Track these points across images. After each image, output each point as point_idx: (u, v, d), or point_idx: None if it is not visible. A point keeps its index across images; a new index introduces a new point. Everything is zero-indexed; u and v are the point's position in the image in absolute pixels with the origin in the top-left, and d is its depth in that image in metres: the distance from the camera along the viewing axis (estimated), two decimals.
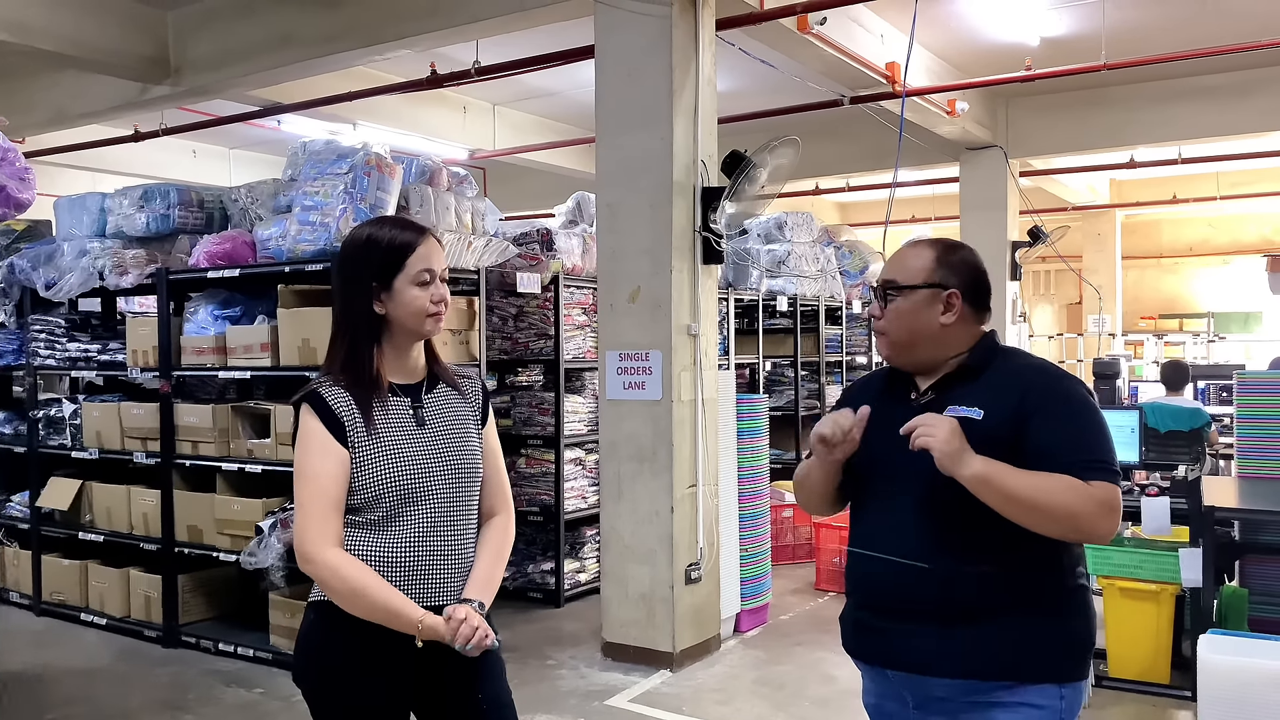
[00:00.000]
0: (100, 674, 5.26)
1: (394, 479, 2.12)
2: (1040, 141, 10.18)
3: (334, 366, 2.20)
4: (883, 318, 2.15)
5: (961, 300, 2.13)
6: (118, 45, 6.89)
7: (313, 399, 2.15)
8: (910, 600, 2.05)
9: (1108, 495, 1.96)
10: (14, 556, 6.52)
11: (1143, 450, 5.09)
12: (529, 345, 6.59)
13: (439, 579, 2.16)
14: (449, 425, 2.23)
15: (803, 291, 9.03)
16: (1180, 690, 4.63)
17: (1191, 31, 7.76)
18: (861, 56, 7.14)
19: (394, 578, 2.11)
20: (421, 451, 2.16)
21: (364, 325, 2.17)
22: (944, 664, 2.02)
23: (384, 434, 2.14)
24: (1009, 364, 2.14)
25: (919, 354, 2.15)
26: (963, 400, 2.07)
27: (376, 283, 2.15)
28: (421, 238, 2.18)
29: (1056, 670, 2.03)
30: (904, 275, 2.15)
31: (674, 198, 5.13)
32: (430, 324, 2.19)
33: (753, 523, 5.93)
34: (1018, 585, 2.01)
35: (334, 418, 2.12)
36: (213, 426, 5.41)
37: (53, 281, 5.97)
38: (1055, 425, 2.01)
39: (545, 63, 6.94)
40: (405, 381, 2.22)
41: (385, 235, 2.18)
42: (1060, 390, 2.07)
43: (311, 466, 2.12)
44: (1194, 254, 16.69)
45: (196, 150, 11.61)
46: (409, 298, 2.15)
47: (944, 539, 2.02)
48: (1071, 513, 1.94)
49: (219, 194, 5.95)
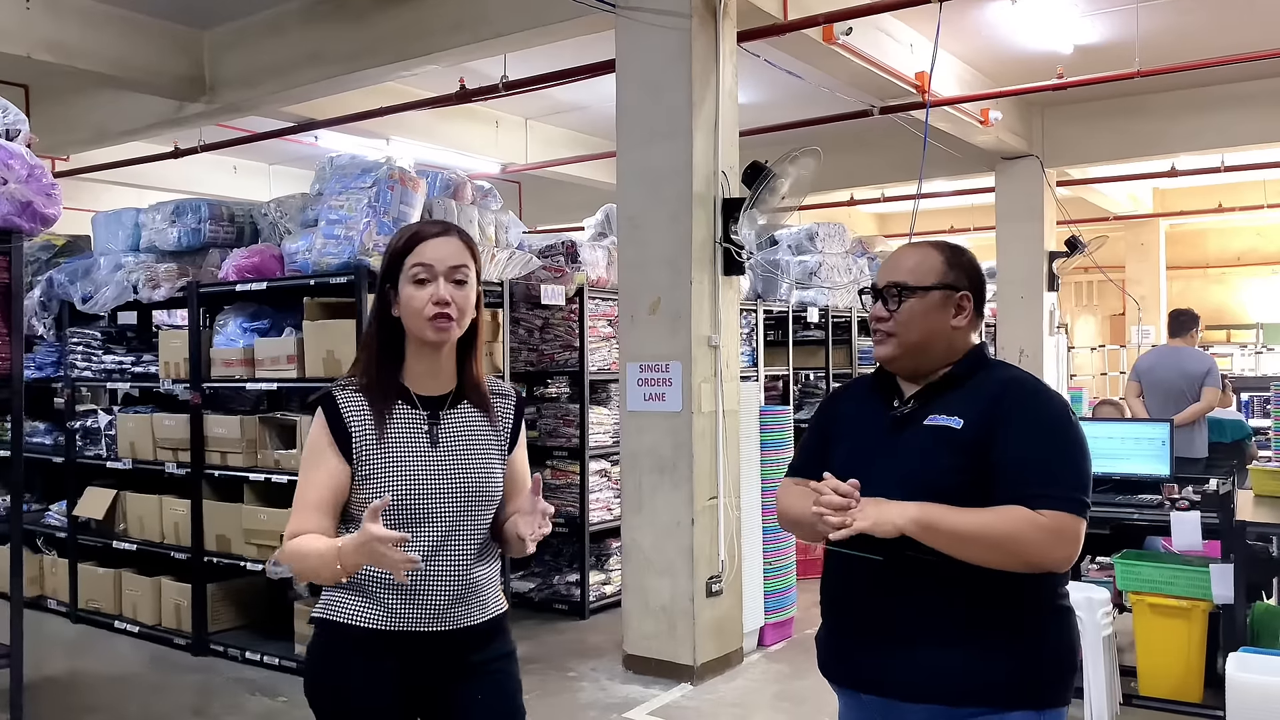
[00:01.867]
0: (129, 681, 5.35)
1: (395, 498, 2.02)
2: (1077, 151, 10.03)
3: (355, 371, 2.15)
4: (890, 319, 2.08)
5: (970, 304, 2.10)
6: (154, 64, 7.06)
7: (326, 402, 2.09)
8: (883, 621, 1.99)
9: (1057, 524, 1.88)
10: (52, 565, 6.66)
11: (1173, 463, 4.99)
12: (554, 357, 6.61)
13: (438, 605, 2.07)
14: (466, 446, 2.11)
15: (834, 303, 8.98)
16: (1214, 709, 4.49)
17: (1228, 37, 7.62)
18: (890, 66, 7.10)
19: (391, 598, 2.05)
20: (428, 471, 2.06)
21: (383, 330, 2.10)
22: (916, 689, 1.95)
23: (391, 449, 2.05)
24: (993, 374, 2.09)
25: (928, 358, 2.08)
26: (944, 409, 2.02)
27: (389, 285, 2.08)
28: (426, 235, 2.08)
29: (1036, 696, 1.96)
30: (915, 276, 2.08)
31: (694, 209, 5.13)
32: (431, 329, 2.03)
33: (777, 535, 5.87)
34: (995, 607, 1.94)
35: (341, 424, 2.06)
36: (240, 437, 5.49)
37: (89, 295, 6.11)
38: (1020, 442, 1.95)
39: (571, 76, 6.98)
40: (429, 393, 2.11)
41: (398, 236, 2.12)
42: (1032, 405, 2.00)
43: (303, 469, 2.11)
44: (1242, 263, 16.34)
45: (237, 166, 11.82)
46: (407, 296, 2.05)
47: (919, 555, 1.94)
48: (1017, 542, 1.87)
49: (249, 208, 6.05)
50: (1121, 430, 5.19)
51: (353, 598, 2.09)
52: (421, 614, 2.07)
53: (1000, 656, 1.93)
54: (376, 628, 2.06)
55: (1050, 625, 2.00)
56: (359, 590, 2.08)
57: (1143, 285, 14.62)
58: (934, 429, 2.01)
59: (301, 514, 2.06)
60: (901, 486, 1.95)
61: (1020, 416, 1.97)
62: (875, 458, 2.03)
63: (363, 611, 2.08)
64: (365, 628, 2.07)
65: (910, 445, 2.02)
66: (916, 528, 1.88)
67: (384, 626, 2.06)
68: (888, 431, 2.07)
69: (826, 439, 2.22)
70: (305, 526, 2.04)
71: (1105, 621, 4.47)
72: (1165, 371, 7.06)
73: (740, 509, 5.45)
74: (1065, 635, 2.03)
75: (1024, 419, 1.97)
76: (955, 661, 1.93)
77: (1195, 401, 6.92)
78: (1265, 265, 16.15)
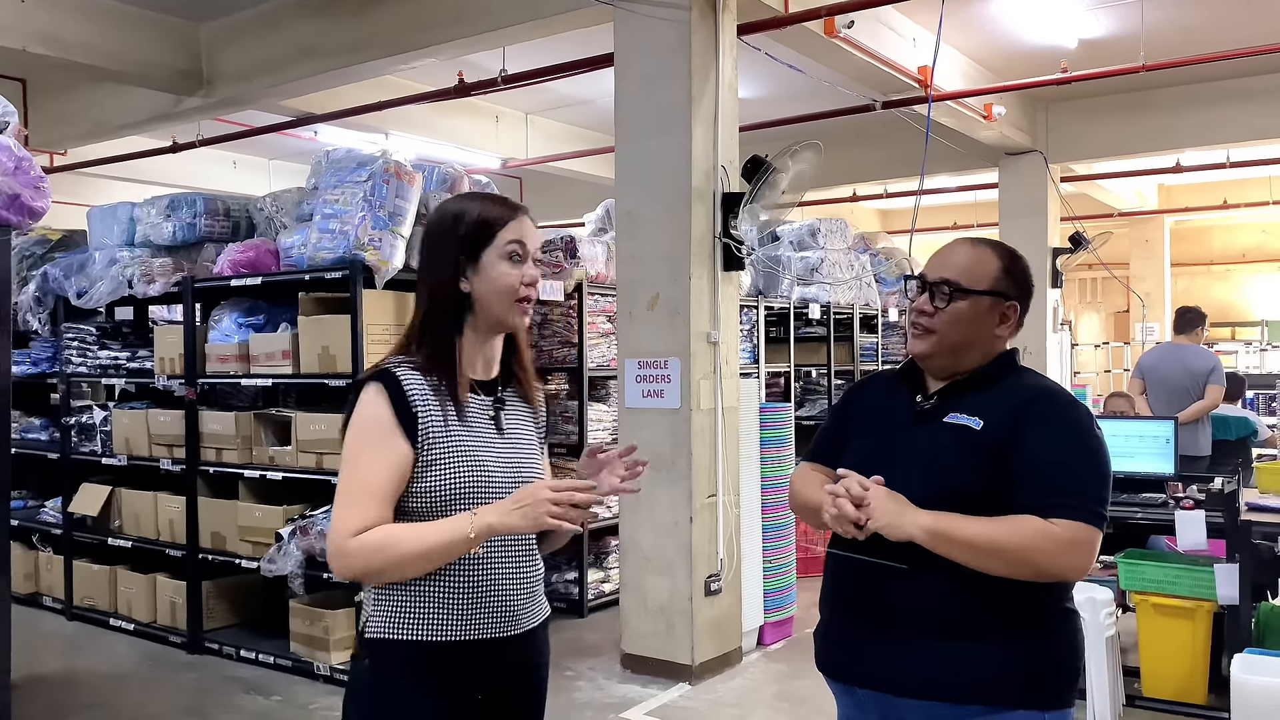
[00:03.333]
0: (124, 679, 5.31)
1: (468, 489, 1.84)
2: (1081, 146, 9.96)
3: (412, 350, 1.91)
4: (934, 315, 2.01)
5: (1016, 315, 2.06)
6: (151, 58, 7.01)
7: (386, 379, 1.84)
8: (884, 612, 1.95)
9: (1072, 534, 1.85)
10: (47, 562, 6.62)
11: (1178, 461, 4.93)
12: (553, 353, 6.56)
13: (506, 608, 1.89)
14: (520, 434, 1.99)
15: (837, 299, 8.91)
16: (1218, 711, 4.44)
17: (1234, 31, 7.54)
18: (892, 60, 7.03)
19: (451, 604, 1.84)
20: (500, 460, 1.90)
21: (450, 305, 1.90)
22: (915, 684, 1.91)
23: (464, 435, 1.87)
24: (1020, 381, 2.05)
25: (962, 359, 2.03)
26: (965, 409, 1.99)
27: (463, 256, 1.90)
28: (516, 213, 1.94)
29: (1040, 696, 1.92)
30: (969, 277, 2.02)
31: (693, 204, 5.08)
32: (518, 311, 1.92)
33: (777, 534, 5.82)
34: (1002, 603, 1.90)
35: (406, 405, 1.82)
36: (235, 434, 5.45)
37: (84, 290, 6.06)
38: (1041, 449, 1.91)
39: (570, 70, 6.92)
40: (482, 378, 1.96)
41: (476, 207, 1.93)
42: (1058, 415, 1.96)
43: (365, 456, 1.82)
44: (1247, 260, 16.26)
45: (237, 161, 11.79)
46: (498, 273, 1.89)
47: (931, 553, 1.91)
48: (1029, 552, 1.84)
49: (245, 203, 6.00)
50: (1126, 428, 5.14)
51: (416, 607, 1.85)
52: (481, 624, 1.87)
53: (1007, 655, 1.90)
54: (452, 639, 1.84)
55: (1056, 626, 1.97)
56: (422, 597, 1.85)
57: (1147, 282, 14.54)
58: (953, 427, 1.98)
59: (366, 504, 1.79)
60: (917, 480, 1.92)
61: (1044, 425, 1.94)
62: (895, 449, 2.00)
63: (431, 623, 1.84)
64: (438, 641, 1.84)
65: (929, 441, 1.99)
66: (929, 537, 1.85)
67: (461, 636, 1.85)
68: (909, 425, 2.04)
69: (848, 427, 2.20)
70: (373, 518, 1.80)
71: (1108, 622, 4.42)
72: (1169, 368, 6.99)
73: (740, 507, 5.40)
74: (1073, 637, 2.00)
75: (1047, 428, 1.94)
76: (958, 656, 1.89)
77: (1199, 399, 6.85)
78: (1270, 262, 16.07)
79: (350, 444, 1.84)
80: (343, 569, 1.82)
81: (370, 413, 1.83)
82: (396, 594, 1.86)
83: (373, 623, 1.87)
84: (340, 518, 1.80)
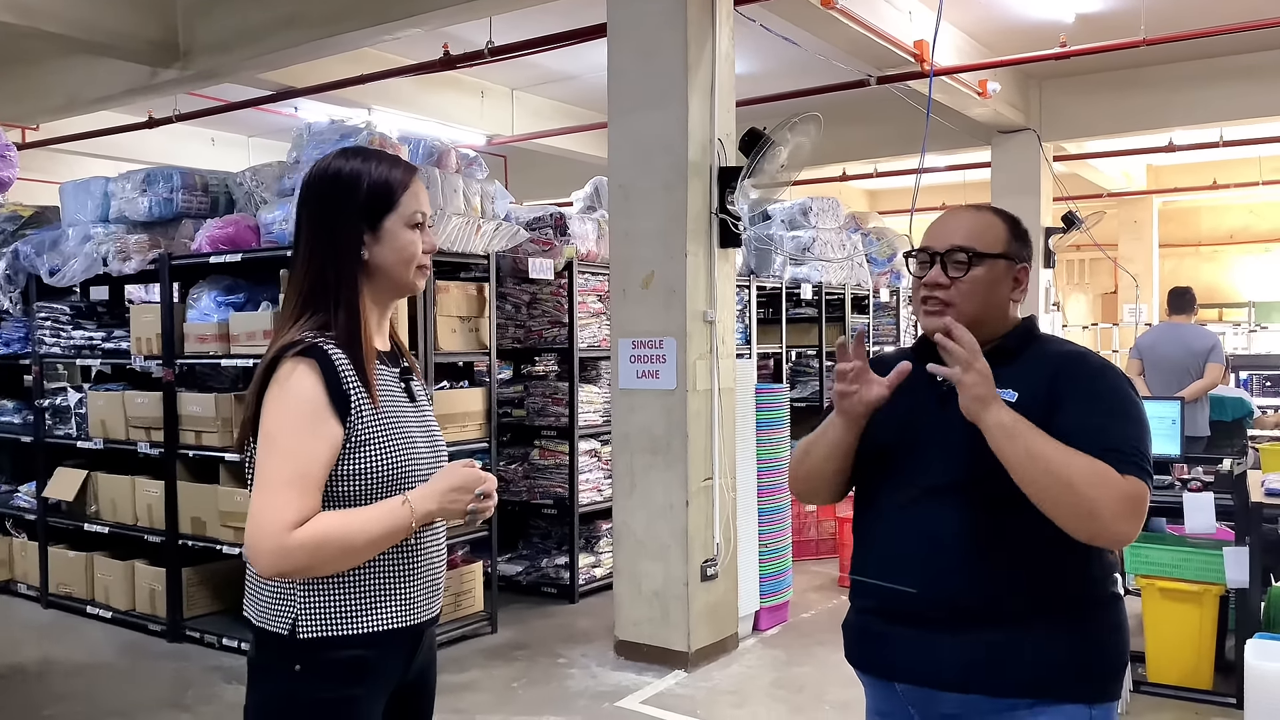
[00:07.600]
0: (102, 669, 5.15)
1: (402, 466, 1.77)
2: (1074, 124, 9.83)
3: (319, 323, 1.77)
4: (950, 287, 1.89)
5: (1026, 278, 1.96)
6: (125, 28, 6.75)
7: (317, 354, 1.72)
8: (923, 603, 1.82)
9: (1137, 492, 1.72)
10: (21, 548, 6.44)
11: (1184, 442, 4.84)
12: (543, 333, 6.40)
13: (435, 591, 1.86)
14: (426, 402, 1.94)
15: (828, 279, 8.78)
16: (1224, 696, 4.38)
17: (1233, 6, 7.43)
18: (888, 34, 6.88)
19: (392, 590, 1.78)
20: (419, 433, 1.84)
21: (356, 274, 1.80)
22: (956, 676, 1.79)
23: (390, 410, 1.79)
24: (1046, 348, 1.94)
25: (981, 333, 1.88)
26: (997, 383, 1.84)
27: (365, 223, 1.81)
28: (412, 175, 1.87)
29: (1087, 689, 1.80)
30: (983, 242, 1.90)
31: (689, 179, 4.92)
32: (419, 276, 1.87)
33: (773, 517, 5.70)
34: (1046, 590, 1.79)
35: (339, 385, 1.72)
36: (215, 416, 5.28)
37: (57, 268, 5.86)
38: (1087, 411, 1.79)
39: (558, 42, 6.74)
40: (382, 349, 1.88)
41: (373, 169, 1.82)
42: (1097, 377, 1.85)
43: (300, 441, 1.69)
44: (1234, 241, 16.23)
45: (215, 138, 11.53)
46: (403, 242, 1.82)
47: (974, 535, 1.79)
48: (1092, 500, 1.68)
49: (224, 177, 5.80)
50: None
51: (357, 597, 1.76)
52: (422, 602, 1.83)
53: (1053, 644, 1.78)
54: (395, 627, 1.78)
55: (1107, 613, 1.86)
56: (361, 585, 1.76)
57: (1135, 263, 14.47)
58: None
59: (303, 493, 1.67)
60: (956, 462, 1.82)
61: (1086, 388, 1.83)
62: (921, 433, 1.88)
63: (374, 612, 1.76)
64: (379, 631, 1.77)
65: (963, 420, 1.81)
66: (999, 430, 1.72)
67: (402, 623, 1.79)
68: (936, 406, 1.90)
69: None
70: (309, 509, 1.68)
71: None
72: (1169, 348, 6.91)
73: (736, 490, 5.27)
74: (1120, 624, 1.89)
75: (1090, 390, 1.82)
76: (1002, 647, 1.78)
77: (1198, 378, 6.77)
78: (1258, 243, 16.04)
79: (281, 426, 1.70)
80: (277, 565, 1.66)
81: (303, 393, 1.71)
82: (336, 586, 1.75)
83: (305, 621, 1.74)
84: (273, 507, 1.66)
